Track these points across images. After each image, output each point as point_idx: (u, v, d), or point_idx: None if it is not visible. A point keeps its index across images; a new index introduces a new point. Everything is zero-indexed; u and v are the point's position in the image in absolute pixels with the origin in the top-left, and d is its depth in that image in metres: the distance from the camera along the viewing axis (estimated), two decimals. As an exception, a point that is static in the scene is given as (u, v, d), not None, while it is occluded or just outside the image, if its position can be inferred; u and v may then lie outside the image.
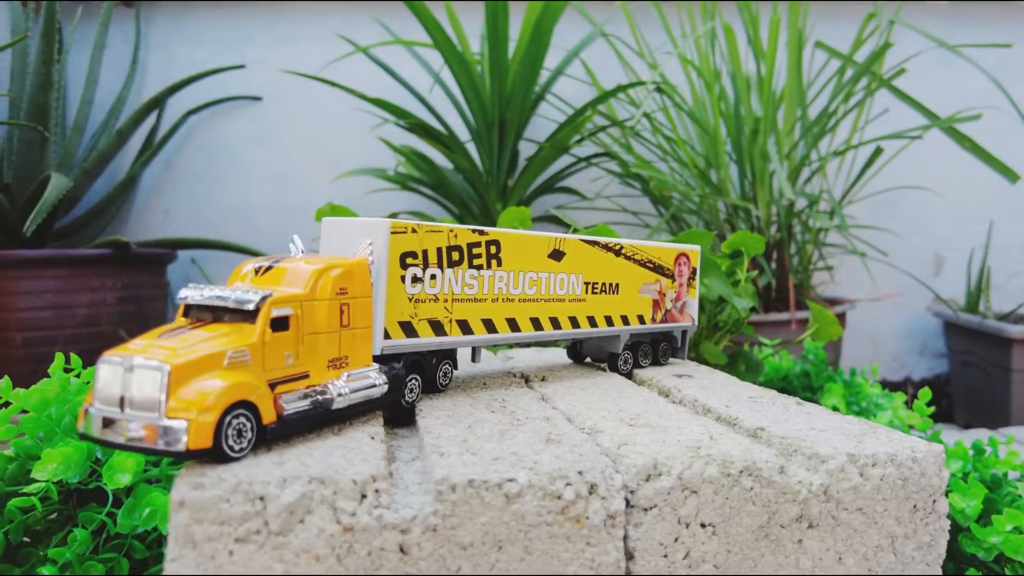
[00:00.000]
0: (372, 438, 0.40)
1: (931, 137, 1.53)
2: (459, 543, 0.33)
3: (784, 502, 0.38)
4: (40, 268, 1.30)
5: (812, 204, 1.42)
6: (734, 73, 1.42)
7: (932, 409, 0.82)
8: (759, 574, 0.38)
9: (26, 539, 0.58)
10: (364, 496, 0.33)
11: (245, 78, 1.73)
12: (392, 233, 0.43)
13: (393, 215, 1.55)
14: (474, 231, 0.47)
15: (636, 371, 0.66)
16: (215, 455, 0.34)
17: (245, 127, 1.74)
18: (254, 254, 1.67)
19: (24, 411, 0.61)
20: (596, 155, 1.53)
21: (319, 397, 0.40)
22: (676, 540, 0.36)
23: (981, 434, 1.20)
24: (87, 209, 1.60)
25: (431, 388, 0.51)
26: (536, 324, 0.53)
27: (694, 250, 0.69)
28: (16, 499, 0.56)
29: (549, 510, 0.34)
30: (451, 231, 0.46)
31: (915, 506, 0.40)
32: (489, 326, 0.49)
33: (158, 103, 1.66)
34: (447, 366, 0.51)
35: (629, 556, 0.36)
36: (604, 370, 0.66)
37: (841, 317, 1.39)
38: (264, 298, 0.37)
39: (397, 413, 0.50)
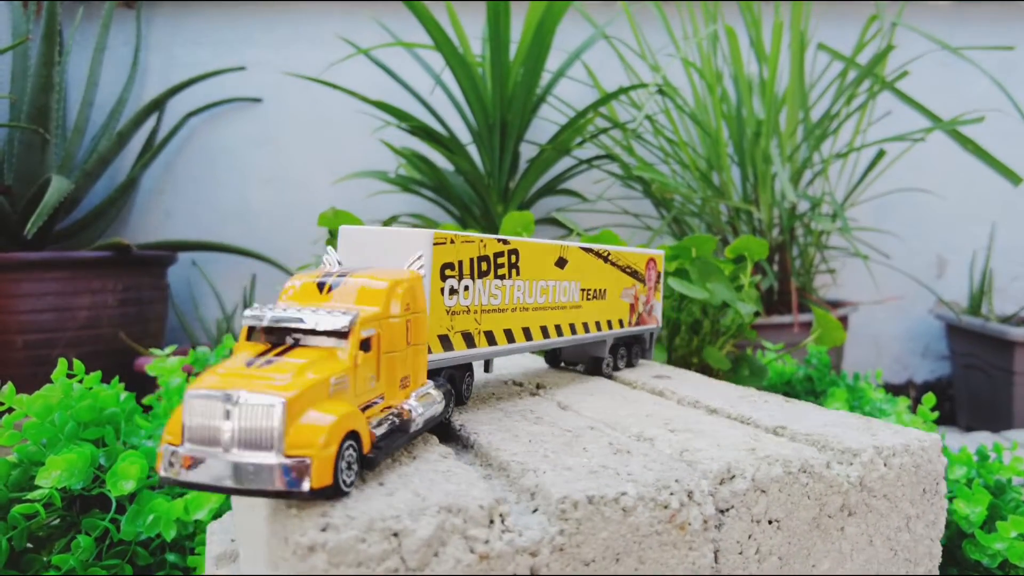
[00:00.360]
0: (445, 458, 0.39)
1: (933, 139, 1.53)
2: (583, 560, 0.34)
3: (831, 494, 0.41)
4: (41, 270, 1.30)
5: (814, 207, 1.42)
6: (736, 75, 1.42)
7: (936, 414, 0.82)
8: (812, 561, 0.42)
9: (29, 545, 0.58)
10: (492, 522, 0.33)
11: (245, 80, 1.73)
12: (434, 244, 0.41)
13: (394, 218, 1.55)
14: (499, 240, 0.47)
15: (615, 373, 0.67)
16: (333, 492, 0.31)
17: (245, 129, 1.74)
18: (255, 257, 1.67)
19: (27, 416, 0.61)
20: (597, 157, 1.53)
21: (396, 420, 0.37)
22: (750, 537, 0.39)
23: (983, 437, 1.20)
24: (87, 211, 1.59)
25: (458, 401, 0.50)
26: (544, 332, 0.53)
27: (659, 255, 0.71)
28: (20, 505, 0.56)
29: (659, 519, 0.35)
30: (481, 241, 0.45)
31: (924, 489, 0.45)
32: (509, 336, 0.49)
33: (158, 105, 1.65)
34: (469, 378, 0.51)
35: (714, 556, 0.38)
36: (580, 373, 0.67)
37: (843, 320, 1.39)
38: (355, 319, 0.35)
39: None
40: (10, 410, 0.61)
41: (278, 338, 0.35)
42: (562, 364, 0.69)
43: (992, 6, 1.77)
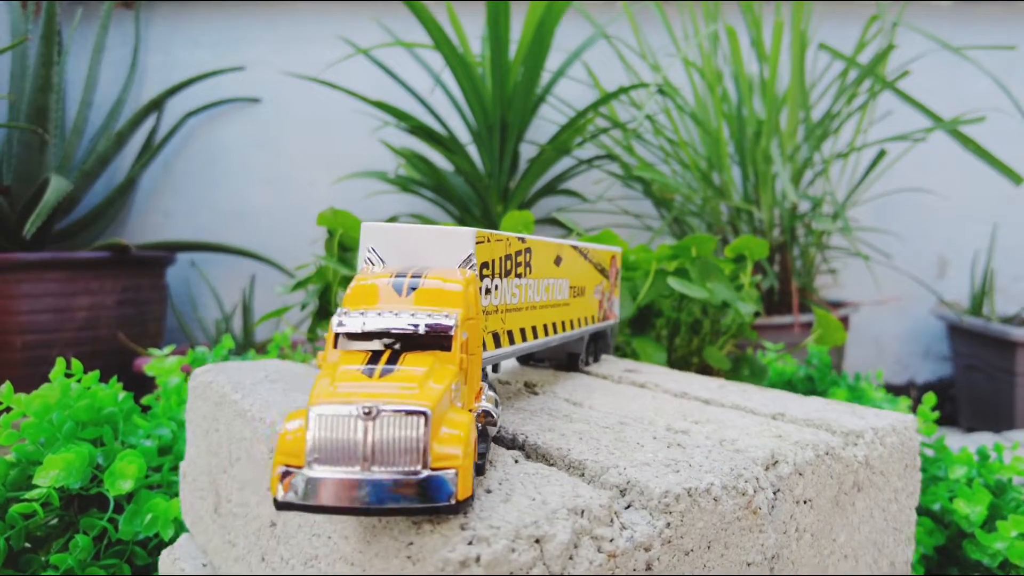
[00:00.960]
0: (517, 462, 0.39)
1: (935, 139, 1.53)
2: (684, 550, 0.35)
3: (847, 473, 0.45)
4: (39, 271, 1.29)
5: (815, 207, 1.42)
6: (736, 75, 1.42)
7: (937, 415, 0.82)
8: (834, 535, 0.45)
9: (27, 545, 0.58)
10: (612, 521, 0.33)
11: (245, 80, 1.73)
12: (476, 243, 0.40)
13: (393, 218, 1.55)
14: (519, 239, 0.46)
15: (587, 368, 0.68)
16: (470, 503, 0.30)
17: (245, 129, 1.74)
18: (253, 257, 1.67)
19: (25, 416, 0.61)
20: (598, 157, 1.53)
21: (480, 424, 0.36)
22: (792, 517, 0.41)
23: (985, 438, 1.20)
24: (86, 212, 1.59)
25: None
26: (545, 330, 0.53)
27: (619, 252, 0.72)
28: (18, 505, 0.56)
29: (740, 506, 0.37)
30: (507, 240, 0.45)
31: (906, 465, 0.50)
32: (523, 335, 0.49)
33: (157, 105, 1.65)
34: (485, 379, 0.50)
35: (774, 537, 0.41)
36: (552, 369, 0.67)
37: (844, 320, 1.39)
38: (456, 322, 0.33)
39: None
40: (8, 409, 0.61)
41: (373, 344, 0.33)
42: (531, 362, 0.69)
43: (993, 6, 1.77)
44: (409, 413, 0.28)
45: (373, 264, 0.39)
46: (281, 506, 0.28)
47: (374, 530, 0.30)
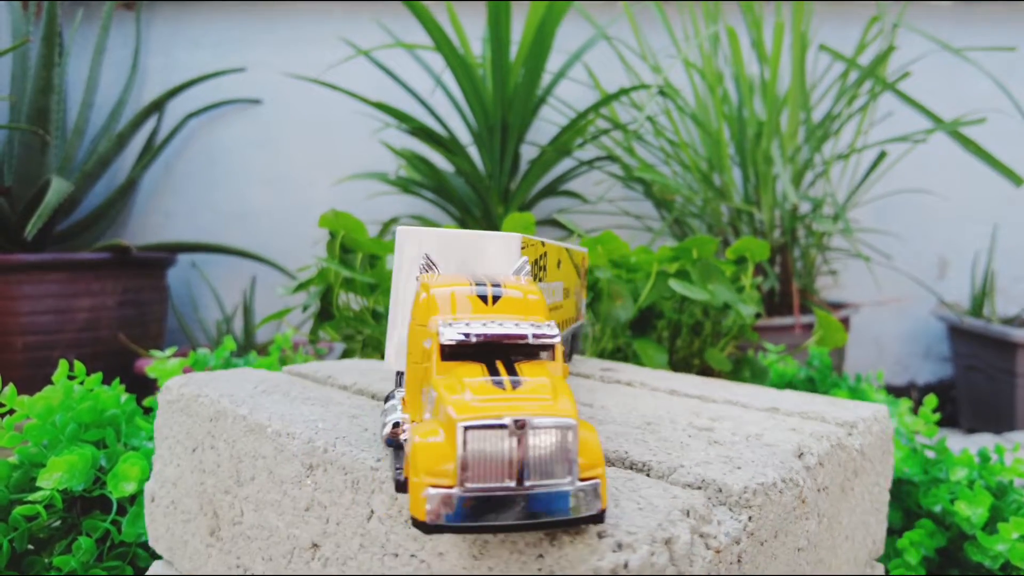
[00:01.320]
0: None
1: (935, 140, 1.53)
2: (760, 540, 0.37)
3: (850, 461, 0.48)
4: (40, 272, 1.30)
5: (816, 208, 1.42)
6: (737, 76, 1.42)
7: (938, 416, 0.82)
8: (841, 518, 0.48)
9: (31, 547, 0.58)
10: (711, 519, 0.35)
11: (246, 81, 1.73)
12: (521, 249, 0.39)
13: (394, 220, 1.55)
14: (541, 243, 0.47)
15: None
16: (607, 511, 0.29)
17: (245, 130, 1.74)
18: (254, 258, 1.67)
19: (28, 418, 0.61)
20: (598, 158, 1.53)
21: None
22: (815, 504, 0.43)
23: (986, 439, 1.20)
24: (87, 213, 1.59)
25: None
26: None
27: (587, 252, 0.72)
28: (21, 507, 0.56)
29: (795, 496, 0.40)
30: (535, 244, 0.44)
31: (884, 451, 0.54)
32: None
33: (158, 106, 1.65)
34: None
35: None
36: None
37: (845, 321, 1.39)
38: (558, 330, 0.33)
39: None
40: (11, 412, 0.61)
41: (480, 356, 0.32)
42: None
43: (994, 7, 1.77)
44: (560, 426, 0.28)
45: (429, 270, 0.38)
46: (431, 529, 0.27)
47: (486, 545, 0.30)
